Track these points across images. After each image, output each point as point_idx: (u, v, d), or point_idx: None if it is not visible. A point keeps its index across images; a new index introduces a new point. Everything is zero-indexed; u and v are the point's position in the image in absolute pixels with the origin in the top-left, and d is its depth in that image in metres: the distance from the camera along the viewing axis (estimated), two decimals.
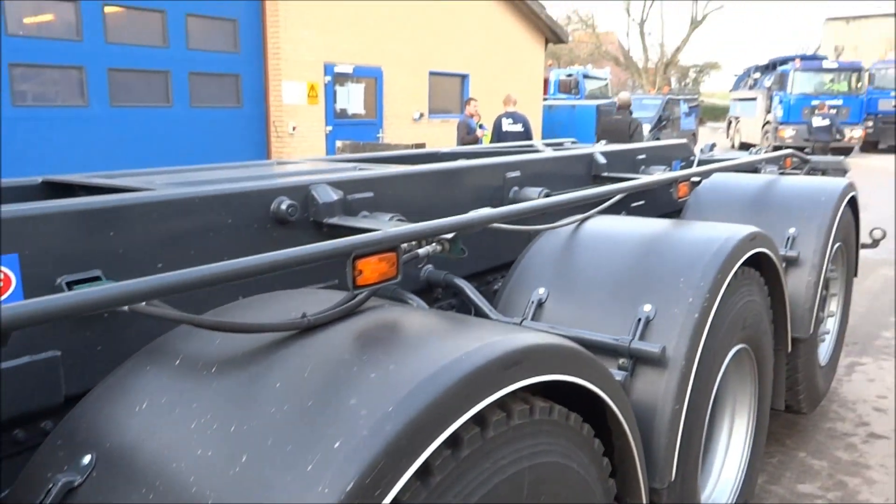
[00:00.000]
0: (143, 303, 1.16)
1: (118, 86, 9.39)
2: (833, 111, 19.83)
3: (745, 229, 2.21)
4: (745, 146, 24.56)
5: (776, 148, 21.41)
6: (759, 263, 2.37)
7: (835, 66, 23.60)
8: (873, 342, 5.05)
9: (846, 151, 22.03)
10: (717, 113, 48.57)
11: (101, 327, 1.47)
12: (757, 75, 28.06)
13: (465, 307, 2.14)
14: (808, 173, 4.27)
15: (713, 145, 4.72)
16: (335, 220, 1.91)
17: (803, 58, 25.45)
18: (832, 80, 22.86)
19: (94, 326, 1.46)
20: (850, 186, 3.52)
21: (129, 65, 9.46)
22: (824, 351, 3.69)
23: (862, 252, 4.15)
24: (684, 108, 25.55)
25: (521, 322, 1.97)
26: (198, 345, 1.31)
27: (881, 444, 3.54)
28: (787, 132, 21.91)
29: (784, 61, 25.43)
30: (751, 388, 2.54)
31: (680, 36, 39.71)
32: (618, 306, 1.94)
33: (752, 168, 3.89)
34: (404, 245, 1.50)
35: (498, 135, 10.06)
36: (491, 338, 1.22)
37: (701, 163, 3.95)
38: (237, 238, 1.75)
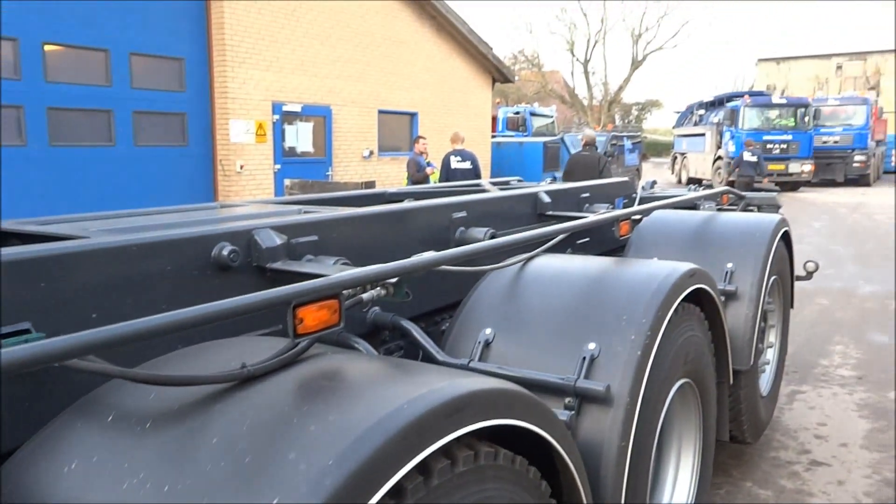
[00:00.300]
0: None
1: (58, 125, 9.17)
2: (759, 147, 20.23)
3: (683, 266, 2.27)
4: (693, 181, 24.82)
5: (729, 183, 21.78)
6: (699, 299, 2.43)
7: (783, 101, 23.81)
8: (812, 370, 5.21)
9: (796, 186, 22.67)
10: (659, 149, 50.18)
11: (28, 382, 1.41)
12: (701, 112, 28.24)
13: (413, 349, 2.13)
14: (743, 209, 4.43)
15: (654, 182, 4.87)
16: (278, 265, 1.88)
17: (752, 94, 25.75)
18: (780, 116, 23.12)
19: (20, 381, 1.40)
20: (783, 222, 3.66)
21: (69, 104, 9.27)
22: (765, 381, 3.79)
23: (798, 283, 4.31)
24: (628, 144, 26.31)
25: (469, 363, 1.97)
26: (132, 399, 1.27)
27: (822, 470, 3.63)
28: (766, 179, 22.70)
29: (731, 98, 25.73)
30: (695, 421, 2.58)
31: (622, 75, 41.07)
32: (563, 345, 1.96)
33: (691, 205, 4.02)
34: (347, 291, 1.49)
35: (447, 173, 10.17)
36: (434, 384, 1.21)
37: (642, 200, 4.06)
38: (176, 286, 1.71)
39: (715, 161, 24.00)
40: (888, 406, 4.49)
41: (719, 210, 4.06)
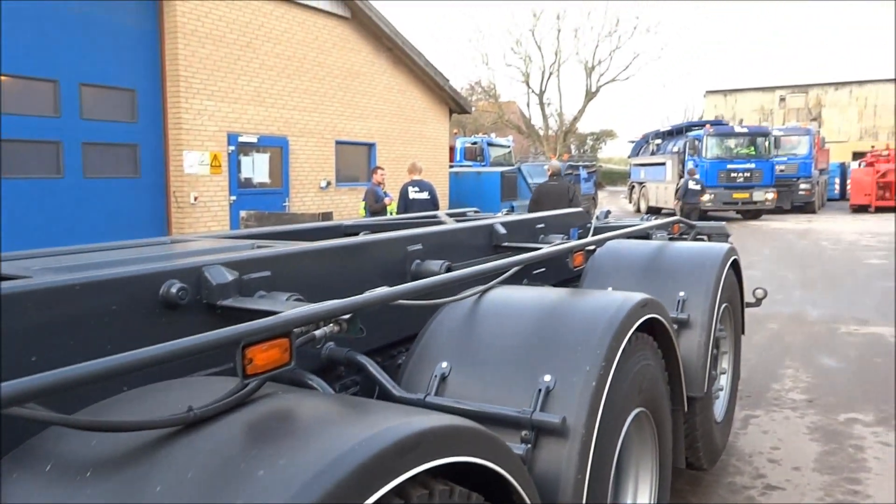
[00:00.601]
0: None
1: (4, 157, 8.92)
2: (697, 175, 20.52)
3: (636, 296, 2.30)
4: (652, 210, 24.96)
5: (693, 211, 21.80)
6: (652, 328, 2.46)
7: (745, 130, 23.92)
8: (765, 395, 5.31)
9: (758, 213, 22.90)
10: (614, 177, 51.30)
11: None
12: (658, 141, 28.32)
13: (370, 384, 2.11)
14: (694, 238, 4.53)
15: (608, 212, 4.95)
16: (229, 303, 1.85)
17: (712, 123, 25.99)
18: (742, 145, 23.21)
19: None
20: (732, 250, 3.75)
21: (17, 135, 9.04)
22: (719, 407, 3.85)
23: (748, 309, 4.41)
24: (584, 173, 26.78)
25: (425, 398, 1.95)
26: (71, 447, 1.22)
27: (777, 494, 3.68)
28: (705, 196, 22.31)
29: (690, 127, 25.91)
30: (652, 449, 2.60)
31: (577, 106, 42.02)
32: (519, 378, 1.96)
33: (644, 234, 4.09)
34: (299, 328, 1.47)
35: (404, 203, 10.16)
36: (386, 423, 1.20)
37: (597, 230, 4.12)
38: (122, 326, 1.66)
39: (678, 190, 24.61)
40: (837, 428, 4.60)
41: (671, 239, 4.15)
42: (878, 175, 24.78)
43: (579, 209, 4.89)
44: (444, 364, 2.06)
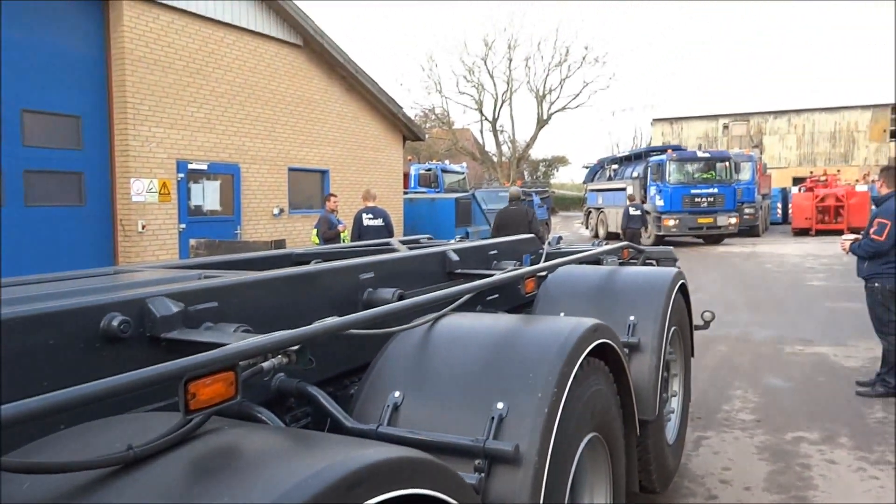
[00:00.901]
0: None
1: None
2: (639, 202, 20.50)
3: (587, 322, 2.32)
4: (612, 236, 24.73)
5: (658, 237, 21.51)
6: (604, 353, 2.48)
7: (707, 155, 23.81)
8: (715, 416, 5.41)
9: (720, 238, 22.90)
10: (566, 203, 52.16)
11: None
12: (615, 166, 28.11)
13: (321, 415, 2.07)
14: (643, 263, 4.62)
15: (560, 238, 5.02)
16: (174, 335, 1.80)
17: (674, 148, 25.75)
18: (704, 170, 22.89)
19: None
20: (680, 274, 3.84)
21: None
22: (671, 429, 3.90)
23: (698, 332, 4.50)
24: (537, 199, 27.16)
25: (377, 428, 1.93)
26: (3, 491, 1.16)
27: None
28: (670, 222, 21.94)
29: (649, 152, 25.72)
30: (605, 474, 2.60)
31: (530, 132, 42.70)
32: (472, 405, 1.95)
33: (595, 260, 4.15)
34: (246, 361, 1.44)
35: (359, 230, 10.15)
36: (334, 457, 1.17)
37: (549, 256, 4.17)
38: (60, 362, 1.60)
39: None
40: (785, 448, 4.70)
41: (621, 264, 4.22)
42: (818, 200, 25.76)
43: (532, 235, 4.93)
44: (397, 393, 2.04)
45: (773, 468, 4.35)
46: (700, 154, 24.16)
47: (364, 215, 10.24)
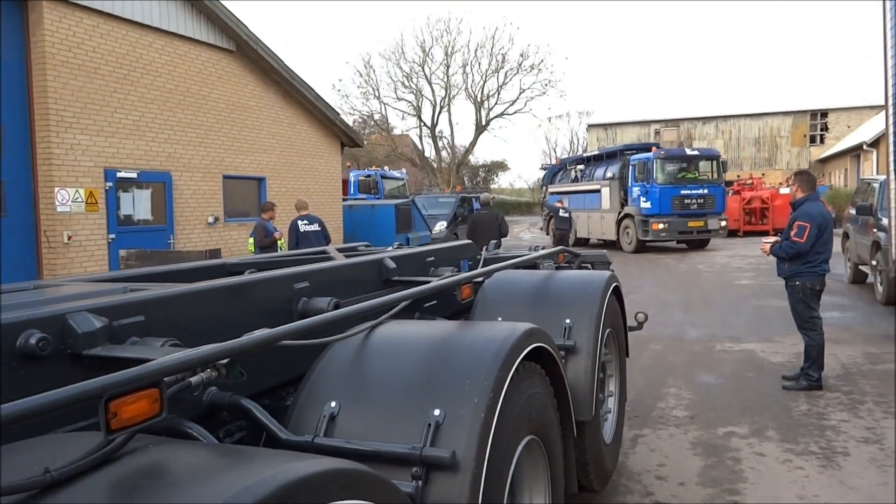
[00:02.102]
0: None
1: None
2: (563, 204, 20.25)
3: (522, 326, 2.35)
4: (581, 242, 23.64)
5: (642, 243, 20.23)
6: (540, 356, 2.52)
7: (696, 153, 21.75)
8: (651, 413, 5.55)
9: (704, 242, 21.27)
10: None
11: None
12: (581, 167, 26.03)
13: (256, 428, 2.03)
14: (578, 267, 4.71)
15: (498, 244, 5.06)
16: (97, 352, 1.73)
17: (656, 146, 23.49)
18: (694, 169, 21.07)
19: None
20: (613, 277, 3.92)
21: None
22: (608, 429, 3.97)
23: (632, 333, 4.61)
24: (476, 204, 27.35)
25: (313, 440, 1.90)
26: None
27: None
28: (660, 225, 19.97)
29: (624, 151, 23.51)
30: (544, 476, 2.63)
31: (469, 138, 43.07)
32: (409, 413, 1.95)
33: (532, 265, 4.21)
34: (172, 376, 1.40)
35: (296, 237, 10.18)
36: (265, 471, 1.15)
37: (486, 262, 4.20)
38: None
39: (621, 220, 21.60)
40: (717, 442, 4.86)
41: (557, 268, 4.29)
42: (745, 202, 26.79)
43: (469, 241, 4.96)
44: (333, 403, 2.01)
45: (706, 463, 4.49)
46: (689, 151, 22.04)
47: (300, 222, 10.40)
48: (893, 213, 8.02)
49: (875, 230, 10.38)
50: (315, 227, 10.35)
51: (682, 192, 20.35)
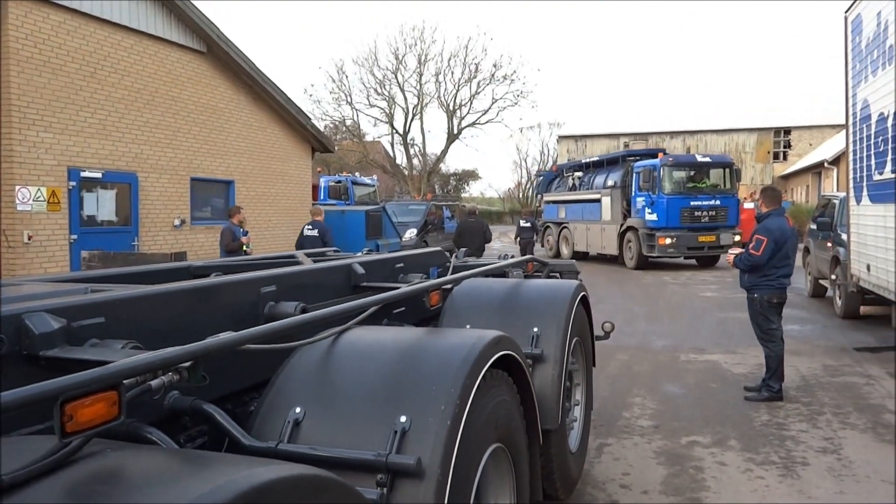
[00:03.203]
0: None
1: None
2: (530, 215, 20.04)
3: (489, 334, 2.35)
4: (581, 256, 21.75)
5: (645, 259, 18.37)
6: (507, 364, 2.52)
7: (707, 160, 19.58)
8: (616, 423, 5.59)
9: (715, 258, 19.25)
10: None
11: None
12: (579, 174, 23.59)
13: (219, 434, 1.99)
14: (547, 276, 4.74)
15: (466, 251, 5.07)
16: (54, 353, 1.68)
17: (663, 151, 21.30)
18: (704, 177, 18.97)
19: None
20: (581, 287, 3.96)
21: None
22: (574, 438, 3.99)
23: (599, 342, 4.65)
24: (447, 212, 27.38)
25: (277, 446, 1.87)
26: None
27: None
28: (667, 240, 17.89)
29: (626, 157, 21.42)
30: (509, 484, 2.63)
31: (441, 146, 43.14)
32: (375, 420, 1.93)
33: (501, 273, 4.22)
34: (132, 379, 1.36)
35: (300, 239, 11.51)
36: (226, 477, 1.12)
37: (455, 269, 4.20)
38: None
39: (624, 232, 19.51)
40: (680, 451, 4.92)
41: (526, 277, 4.31)
42: None
43: (439, 248, 4.96)
44: (298, 409, 1.99)
45: (670, 471, 4.54)
46: (700, 158, 19.76)
47: (305, 227, 11.73)
48: (851, 230, 8.24)
49: (834, 245, 10.64)
50: (315, 231, 11.25)
51: (692, 203, 18.28)
